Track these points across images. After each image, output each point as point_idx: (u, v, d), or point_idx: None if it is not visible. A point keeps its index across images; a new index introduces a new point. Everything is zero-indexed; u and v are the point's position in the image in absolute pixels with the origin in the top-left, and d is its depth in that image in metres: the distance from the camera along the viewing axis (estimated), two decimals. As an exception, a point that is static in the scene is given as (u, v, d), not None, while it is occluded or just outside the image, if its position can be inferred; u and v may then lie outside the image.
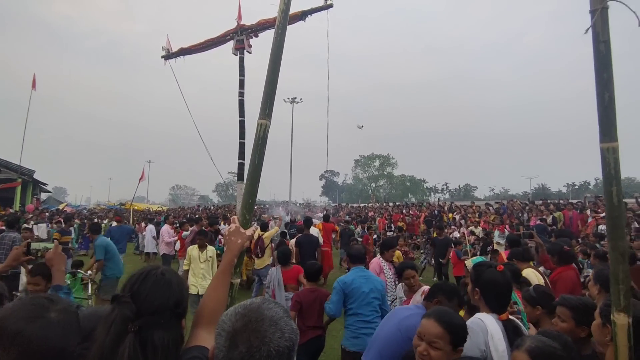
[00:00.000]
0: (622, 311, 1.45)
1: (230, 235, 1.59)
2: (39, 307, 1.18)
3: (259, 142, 1.64)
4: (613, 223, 1.46)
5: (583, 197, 22.87)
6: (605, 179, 1.45)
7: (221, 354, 0.90)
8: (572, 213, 13.81)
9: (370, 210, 25.42)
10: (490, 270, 2.21)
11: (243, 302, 1.00)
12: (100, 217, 24.45)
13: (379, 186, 75.09)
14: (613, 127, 1.44)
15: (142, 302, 1.18)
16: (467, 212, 19.04)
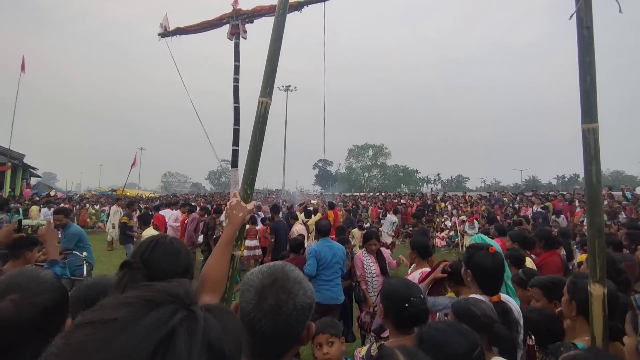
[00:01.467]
0: (597, 282, 1.57)
1: (232, 208, 1.66)
2: None
3: (259, 119, 1.70)
4: (591, 201, 1.56)
5: (572, 189, 23.26)
6: (585, 159, 1.54)
7: (250, 306, 0.98)
8: (562, 204, 14.09)
9: (363, 199, 25.57)
10: (481, 253, 2.25)
11: (264, 264, 1.10)
12: (92, 203, 24.31)
13: (372, 176, 75.35)
14: (594, 109, 1.53)
15: (153, 268, 1.26)
16: (458, 202, 19.28)
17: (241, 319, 1.00)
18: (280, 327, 0.96)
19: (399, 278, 2.43)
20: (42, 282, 1.10)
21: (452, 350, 1.29)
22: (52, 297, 1.09)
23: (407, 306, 1.83)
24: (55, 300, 1.09)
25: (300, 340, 1.03)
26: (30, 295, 1.04)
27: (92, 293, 1.66)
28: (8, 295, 1.02)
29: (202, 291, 1.38)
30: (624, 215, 10.96)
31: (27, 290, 1.05)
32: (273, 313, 0.96)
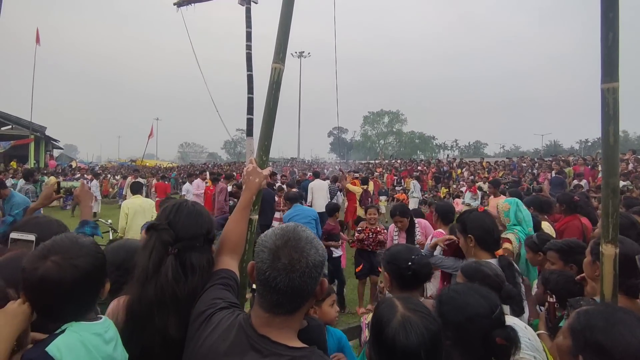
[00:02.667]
0: (610, 242, 1.58)
1: (248, 174, 1.71)
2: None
3: (273, 86, 1.71)
4: (607, 161, 1.55)
5: (595, 153, 22.59)
6: (604, 119, 1.51)
7: (265, 265, 1.04)
8: (584, 169, 13.76)
9: (378, 167, 25.48)
10: (475, 215, 2.34)
11: (278, 226, 1.16)
12: (113, 174, 24.97)
13: (388, 143, 74.54)
14: (615, 68, 1.48)
15: (179, 229, 1.34)
16: (475, 169, 19.04)
17: (257, 277, 1.07)
18: (294, 284, 1.02)
19: (400, 244, 2.49)
20: (83, 246, 1.17)
21: (473, 311, 1.30)
22: (92, 262, 1.15)
23: (410, 264, 1.88)
24: (95, 265, 1.16)
25: (315, 295, 1.10)
26: (71, 257, 1.12)
27: (117, 255, 1.77)
28: (51, 257, 1.10)
29: (222, 252, 1.46)
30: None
31: (69, 253, 1.12)
32: (287, 271, 1.02)
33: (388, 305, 1.21)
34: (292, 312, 1.08)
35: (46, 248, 1.13)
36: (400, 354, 1.09)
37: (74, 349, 1.05)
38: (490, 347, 1.27)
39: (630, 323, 1.07)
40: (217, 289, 1.27)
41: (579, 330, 1.12)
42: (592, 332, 1.08)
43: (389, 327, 1.12)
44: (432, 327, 1.13)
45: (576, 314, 1.17)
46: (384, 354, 1.13)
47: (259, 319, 1.08)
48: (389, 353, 1.11)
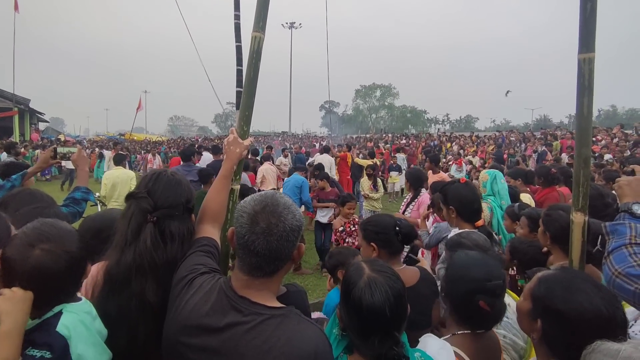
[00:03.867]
0: (579, 211, 1.63)
1: (229, 144, 1.72)
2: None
3: (253, 55, 1.69)
4: (581, 132, 1.59)
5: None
6: (579, 90, 1.54)
7: (244, 229, 1.09)
8: (571, 142, 13.94)
9: (369, 141, 25.45)
10: (456, 185, 2.40)
11: (258, 193, 1.19)
12: (101, 147, 24.58)
13: (379, 117, 74.21)
14: (592, 38, 1.50)
15: (158, 198, 1.36)
16: (465, 143, 19.15)
17: (237, 241, 1.12)
18: (272, 247, 1.07)
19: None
20: (70, 232, 1.20)
21: (468, 272, 1.40)
22: (80, 246, 1.19)
23: (397, 229, 1.95)
24: (82, 249, 1.19)
25: (292, 258, 1.15)
26: (64, 244, 1.14)
27: (98, 224, 1.79)
28: (39, 245, 1.11)
29: (203, 221, 1.48)
30: (629, 153, 10.86)
31: (61, 240, 1.14)
32: (265, 235, 1.06)
33: (356, 268, 1.27)
34: (271, 275, 1.13)
35: (31, 236, 1.13)
36: (367, 311, 1.15)
37: (77, 328, 1.10)
38: (473, 308, 1.35)
39: (587, 290, 1.09)
40: (198, 256, 1.30)
41: (538, 296, 1.16)
42: (551, 299, 1.12)
43: (356, 288, 1.18)
44: (396, 286, 1.19)
45: (537, 280, 1.21)
46: (352, 313, 1.18)
47: (239, 281, 1.13)
48: (357, 311, 1.17)
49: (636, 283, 1.29)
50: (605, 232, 1.47)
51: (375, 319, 1.15)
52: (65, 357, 1.04)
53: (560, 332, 1.08)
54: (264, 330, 1.05)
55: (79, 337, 1.09)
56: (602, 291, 1.12)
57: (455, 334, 1.40)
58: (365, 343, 1.16)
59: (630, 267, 1.29)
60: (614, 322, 1.05)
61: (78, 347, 1.07)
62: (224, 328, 1.06)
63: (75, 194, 2.33)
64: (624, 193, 1.54)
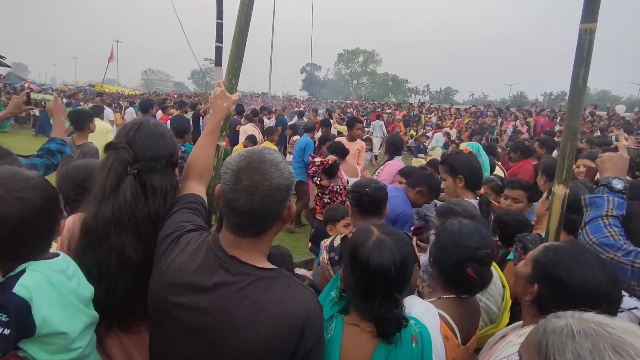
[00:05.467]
0: (562, 183, 1.67)
1: (216, 98, 1.63)
2: None
3: (245, 2, 1.58)
4: (572, 103, 1.59)
5: (558, 105, 23.38)
6: (576, 60, 1.52)
7: (227, 187, 1.04)
8: (544, 120, 14.34)
9: (350, 107, 25.23)
10: (462, 156, 2.38)
11: (246, 149, 1.13)
12: (68, 97, 23.26)
13: (361, 83, 73.43)
14: (596, 8, 1.47)
15: (139, 149, 1.28)
16: (444, 115, 19.30)
17: (222, 199, 1.07)
18: (256, 206, 1.02)
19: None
20: (28, 178, 1.05)
21: (459, 239, 1.41)
22: (41, 194, 1.05)
23: (367, 190, 2.04)
24: (44, 198, 1.06)
25: (282, 219, 1.11)
26: (15, 189, 1.01)
27: (78, 174, 1.71)
28: None
29: (189, 177, 1.42)
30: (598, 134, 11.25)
31: (11, 185, 1.01)
32: (248, 193, 1.01)
33: (364, 229, 1.27)
34: (258, 235, 1.09)
35: None
36: (373, 271, 1.15)
37: (42, 288, 1.01)
38: (460, 275, 1.38)
39: (594, 266, 1.14)
40: (184, 213, 1.25)
41: (543, 262, 1.19)
42: (556, 266, 1.15)
43: (364, 247, 1.19)
44: (404, 250, 1.20)
45: (545, 248, 1.24)
46: (357, 273, 1.19)
47: (227, 240, 1.09)
48: (363, 271, 1.17)
49: (608, 252, 1.35)
50: (584, 203, 1.52)
51: (381, 279, 1.15)
52: (26, 320, 0.95)
53: (557, 297, 1.12)
54: (253, 292, 1.03)
55: (44, 298, 0.99)
56: (606, 269, 1.16)
57: (440, 297, 1.43)
58: (366, 304, 1.17)
59: (604, 237, 1.35)
60: (609, 298, 1.10)
61: (42, 308, 0.98)
62: (212, 287, 1.04)
63: (50, 144, 2.18)
64: (605, 168, 1.59)
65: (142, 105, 7.21)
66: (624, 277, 1.28)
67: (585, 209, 1.57)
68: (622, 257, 1.28)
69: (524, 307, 1.26)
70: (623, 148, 1.61)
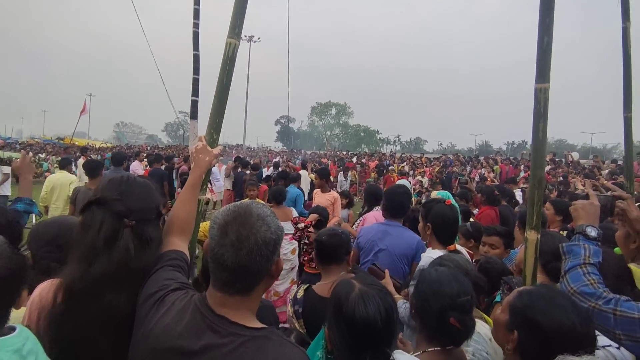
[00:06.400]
0: (533, 229, 1.74)
1: (198, 152, 1.65)
2: None
3: (227, 61, 1.67)
4: (536, 154, 1.71)
5: (520, 153, 24.75)
6: (535, 116, 1.67)
7: (214, 242, 1.02)
8: (508, 167, 15.07)
9: (324, 157, 25.77)
10: (440, 205, 2.40)
11: (234, 203, 1.13)
12: (36, 151, 22.64)
13: (334, 135, 75.65)
14: (548, 69, 1.64)
15: (134, 201, 1.25)
16: (415, 163, 19.95)
17: (209, 254, 1.05)
18: (242, 261, 0.99)
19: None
20: None
21: (439, 287, 1.39)
22: (6, 265, 1.00)
23: (324, 238, 2.07)
24: (10, 269, 1.00)
25: (271, 274, 1.08)
26: None
27: (49, 230, 1.64)
28: None
29: (171, 233, 1.39)
30: (561, 178, 11.88)
31: None
32: (234, 247, 0.99)
33: (345, 283, 1.27)
34: (246, 292, 1.05)
35: None
36: (360, 324, 1.14)
37: None
38: (444, 325, 1.36)
39: (566, 307, 1.17)
40: (167, 271, 1.21)
41: (519, 307, 1.21)
42: (532, 311, 1.17)
43: (349, 301, 1.18)
44: (387, 300, 1.21)
45: (518, 293, 1.26)
46: (343, 328, 1.17)
47: (214, 298, 1.05)
48: (349, 326, 1.16)
49: (589, 301, 1.37)
50: (562, 252, 1.55)
51: (368, 332, 1.14)
52: None
53: (536, 343, 1.13)
54: (244, 354, 0.97)
55: None
56: (578, 309, 1.19)
57: (425, 351, 1.40)
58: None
59: (584, 286, 1.36)
60: (585, 337, 1.12)
61: None
62: (200, 351, 0.98)
63: (17, 205, 2.10)
64: (579, 215, 1.63)
65: (114, 158, 7.13)
66: (607, 325, 1.28)
67: (563, 257, 1.59)
68: (603, 306, 1.29)
69: (507, 357, 1.26)
70: (594, 196, 1.67)
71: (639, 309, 1.24)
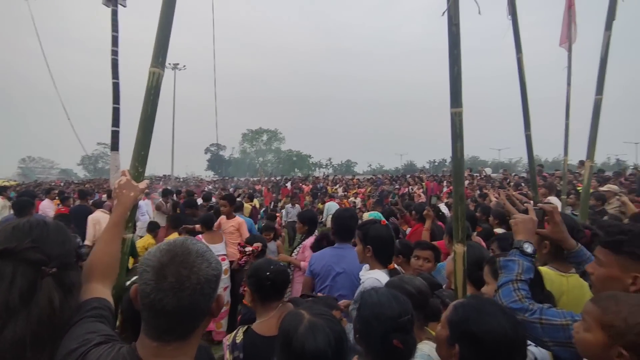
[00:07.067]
0: (460, 242, 1.87)
1: (121, 188, 1.54)
2: None
3: (151, 91, 1.60)
4: (456, 172, 1.86)
5: (441, 171, 26.74)
6: (452, 137, 1.82)
7: (149, 287, 0.92)
8: (433, 184, 16.16)
9: (257, 184, 25.45)
10: (376, 226, 2.42)
11: (164, 241, 1.05)
12: None
13: (267, 160, 75.54)
14: (459, 96, 1.81)
15: (51, 247, 1.11)
16: (348, 185, 20.56)
17: (141, 302, 0.95)
18: (184, 304, 0.92)
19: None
20: None
21: (381, 310, 1.40)
22: None
23: (268, 274, 1.95)
24: None
25: (211, 313, 1.01)
26: None
27: None
28: None
29: (92, 278, 1.26)
30: (478, 192, 13.00)
31: None
32: (175, 290, 0.91)
33: (293, 315, 1.23)
34: (186, 337, 0.97)
35: None
36: (310, 356, 1.11)
37: None
38: (388, 347, 1.36)
39: (495, 313, 1.24)
40: (89, 322, 1.08)
41: (456, 321, 1.26)
42: (468, 323, 1.22)
43: (297, 334, 1.15)
44: (337, 328, 1.19)
45: (454, 307, 1.31)
46: None
47: (148, 349, 0.95)
48: (299, 359, 1.11)
49: (518, 314, 1.43)
50: (499, 266, 1.63)
51: None
52: None
53: (475, 353, 1.18)
54: None
55: None
56: (507, 315, 1.26)
57: None
58: None
59: (513, 302, 1.44)
60: (516, 341, 1.20)
61: None
62: None
63: None
64: (518, 230, 1.67)
65: (17, 206, 5.39)
66: (536, 334, 1.37)
67: (499, 272, 1.63)
68: (529, 317, 1.37)
69: None
70: (532, 211, 1.73)
71: (560, 315, 1.36)
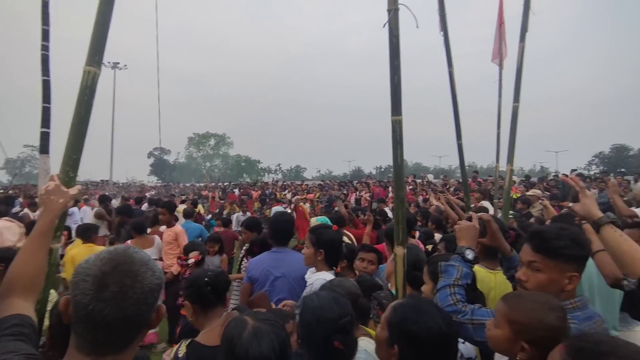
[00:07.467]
0: (400, 244, 1.95)
1: (49, 194, 1.43)
2: None
3: (85, 91, 1.50)
4: (396, 177, 1.95)
5: (387, 177, 27.73)
6: (393, 144, 1.91)
7: (87, 297, 0.87)
8: (379, 189, 16.70)
9: (204, 189, 24.69)
10: (329, 231, 2.50)
11: (105, 249, 0.99)
12: None
13: (214, 166, 73.58)
14: (399, 104, 1.90)
15: None
16: (297, 190, 20.60)
17: (75, 314, 0.89)
18: (126, 314, 0.88)
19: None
20: None
21: (321, 313, 1.42)
22: None
23: (207, 280, 1.93)
24: None
25: (150, 324, 0.98)
26: None
27: None
28: None
29: (13, 293, 1.17)
30: (421, 197, 13.63)
31: None
32: (117, 300, 0.87)
33: (238, 321, 1.22)
34: (123, 349, 0.93)
35: None
36: None
37: None
38: (329, 349, 1.39)
39: (432, 312, 1.30)
40: (7, 341, 1.00)
41: (395, 322, 1.30)
42: (406, 323, 1.27)
43: (241, 340, 1.14)
44: (282, 334, 1.20)
45: (392, 308, 1.36)
46: None
47: None
48: None
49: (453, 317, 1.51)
50: (440, 270, 1.70)
51: None
52: None
53: (414, 352, 1.24)
54: None
55: None
56: (442, 312, 1.34)
57: None
58: None
59: (448, 305, 1.53)
60: (450, 335, 1.27)
61: None
62: None
63: None
64: (461, 236, 1.76)
65: None
66: (468, 335, 1.46)
67: (440, 275, 1.71)
68: (462, 318, 1.47)
69: None
70: (476, 219, 1.83)
71: (489, 314, 1.45)
